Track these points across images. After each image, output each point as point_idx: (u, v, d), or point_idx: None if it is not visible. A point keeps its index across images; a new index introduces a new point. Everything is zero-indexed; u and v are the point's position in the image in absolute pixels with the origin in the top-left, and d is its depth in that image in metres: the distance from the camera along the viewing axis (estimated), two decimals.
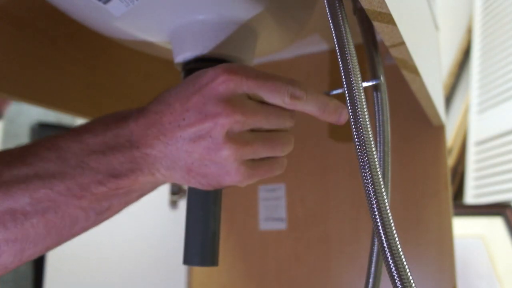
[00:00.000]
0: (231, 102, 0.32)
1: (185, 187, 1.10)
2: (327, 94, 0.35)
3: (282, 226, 0.68)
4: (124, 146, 0.34)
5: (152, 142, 0.33)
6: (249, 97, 0.33)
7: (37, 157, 0.33)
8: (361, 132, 0.29)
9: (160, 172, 0.35)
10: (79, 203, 0.34)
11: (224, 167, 0.33)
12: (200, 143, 0.32)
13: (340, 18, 0.30)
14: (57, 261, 1.50)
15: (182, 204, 1.40)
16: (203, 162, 0.33)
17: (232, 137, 0.32)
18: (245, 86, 0.32)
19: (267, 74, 0.33)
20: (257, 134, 0.34)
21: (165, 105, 0.34)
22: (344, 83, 0.30)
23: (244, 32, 0.41)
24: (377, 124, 0.40)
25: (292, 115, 0.35)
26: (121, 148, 0.34)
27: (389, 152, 0.40)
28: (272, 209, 0.70)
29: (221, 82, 0.32)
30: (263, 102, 0.34)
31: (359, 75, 0.30)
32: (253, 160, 0.34)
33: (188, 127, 0.32)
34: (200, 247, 0.38)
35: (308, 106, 0.34)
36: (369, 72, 0.40)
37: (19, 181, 0.32)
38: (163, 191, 1.40)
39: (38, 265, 1.56)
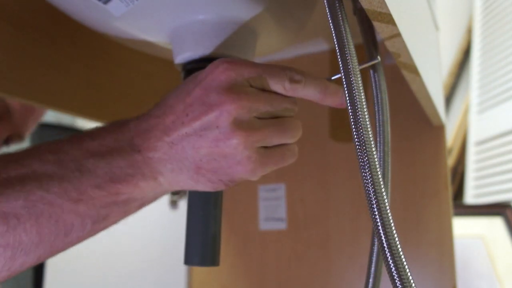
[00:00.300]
0: (234, 89, 0.31)
1: None
2: (328, 79, 0.36)
3: (282, 226, 0.68)
4: (124, 150, 0.33)
5: (155, 145, 0.33)
6: (250, 85, 0.33)
7: (36, 159, 0.33)
8: (361, 132, 0.29)
9: (164, 176, 0.34)
10: (75, 207, 0.32)
11: (234, 157, 0.32)
12: (207, 136, 0.31)
13: (340, 18, 0.30)
14: (57, 261, 1.50)
15: (182, 204, 1.40)
16: (212, 157, 0.32)
17: (239, 125, 0.31)
18: (246, 73, 0.32)
19: (264, 63, 0.33)
20: (265, 120, 0.33)
21: (166, 107, 0.33)
22: (344, 83, 0.30)
23: (244, 32, 0.41)
24: (377, 124, 0.40)
25: (294, 100, 0.35)
26: (121, 152, 0.33)
27: (389, 152, 0.40)
28: (272, 209, 0.70)
29: (221, 72, 0.32)
30: (264, 90, 0.33)
31: (359, 76, 0.30)
32: (264, 148, 0.33)
33: (192, 122, 0.31)
34: (201, 247, 0.38)
35: (309, 91, 0.34)
36: (369, 72, 0.40)
37: (14, 182, 0.31)
38: None
39: (38, 264, 1.57)
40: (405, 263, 0.28)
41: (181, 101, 0.32)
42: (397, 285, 0.28)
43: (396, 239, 0.29)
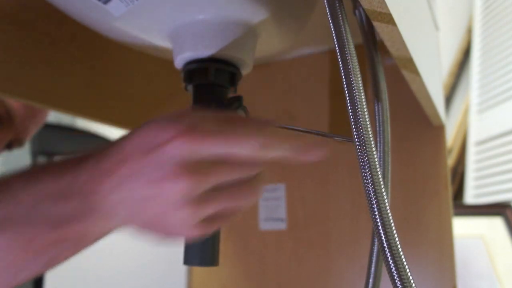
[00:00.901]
0: (188, 167, 0.30)
1: None
2: (332, 136, 0.34)
3: (282, 226, 0.68)
4: (77, 195, 0.32)
5: (106, 198, 0.32)
6: (208, 158, 0.32)
7: None
8: (361, 132, 0.29)
9: (114, 221, 0.34)
10: (25, 253, 0.32)
11: (179, 226, 0.32)
12: (155, 202, 0.31)
13: (340, 18, 0.30)
14: None
15: None
16: (158, 219, 0.32)
17: (188, 201, 0.31)
18: (205, 149, 0.31)
19: (228, 130, 0.31)
20: (218, 192, 0.32)
21: (123, 155, 0.32)
22: (344, 83, 0.30)
23: (244, 32, 0.41)
24: (377, 124, 0.40)
25: (257, 163, 0.34)
26: (73, 197, 0.32)
27: (389, 152, 0.40)
28: (272, 209, 0.69)
29: (178, 146, 0.30)
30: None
31: (359, 75, 0.30)
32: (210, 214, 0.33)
33: (142, 188, 0.31)
34: (200, 247, 0.38)
35: (274, 154, 0.33)
36: (369, 72, 0.40)
37: None
38: None
39: None
40: (405, 263, 0.28)
41: (136, 158, 0.32)
42: (397, 285, 0.28)
43: (396, 239, 0.29)
